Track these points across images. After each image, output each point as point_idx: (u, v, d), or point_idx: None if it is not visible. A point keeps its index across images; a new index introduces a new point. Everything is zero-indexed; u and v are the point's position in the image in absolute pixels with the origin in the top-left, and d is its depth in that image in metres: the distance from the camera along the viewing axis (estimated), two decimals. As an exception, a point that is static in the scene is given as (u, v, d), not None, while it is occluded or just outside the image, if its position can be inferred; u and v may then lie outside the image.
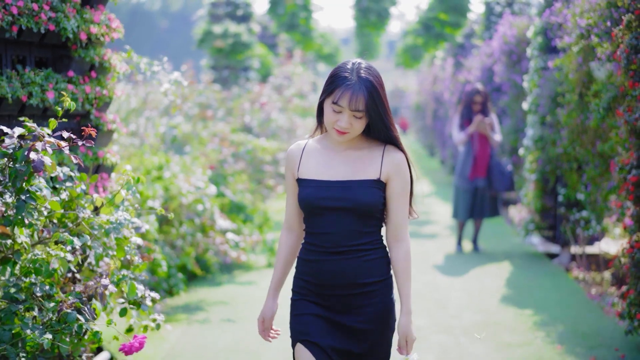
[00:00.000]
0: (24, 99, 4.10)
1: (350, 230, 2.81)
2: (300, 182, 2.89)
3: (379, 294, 2.88)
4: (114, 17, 4.69)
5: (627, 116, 5.18)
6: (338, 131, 2.77)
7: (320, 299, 2.88)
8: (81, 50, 4.49)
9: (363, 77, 2.74)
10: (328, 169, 2.85)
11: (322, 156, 2.89)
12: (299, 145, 2.97)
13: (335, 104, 2.73)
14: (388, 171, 2.84)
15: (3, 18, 3.94)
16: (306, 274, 2.91)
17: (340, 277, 2.84)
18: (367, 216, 2.82)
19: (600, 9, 5.98)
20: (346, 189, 2.80)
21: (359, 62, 2.81)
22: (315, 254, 2.87)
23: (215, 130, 9.05)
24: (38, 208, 3.10)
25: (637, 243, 5.17)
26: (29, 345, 2.98)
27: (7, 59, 4.25)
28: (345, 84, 2.72)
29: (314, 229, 2.87)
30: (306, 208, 2.86)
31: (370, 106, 2.72)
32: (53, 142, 2.80)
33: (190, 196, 6.59)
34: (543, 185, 8.64)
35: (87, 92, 4.46)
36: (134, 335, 3.03)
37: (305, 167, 2.89)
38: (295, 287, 2.98)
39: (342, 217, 2.80)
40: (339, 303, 2.87)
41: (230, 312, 6.34)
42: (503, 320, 6.09)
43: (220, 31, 13.17)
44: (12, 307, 3.14)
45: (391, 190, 2.85)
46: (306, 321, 2.89)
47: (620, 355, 5.15)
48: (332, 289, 2.86)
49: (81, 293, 3.14)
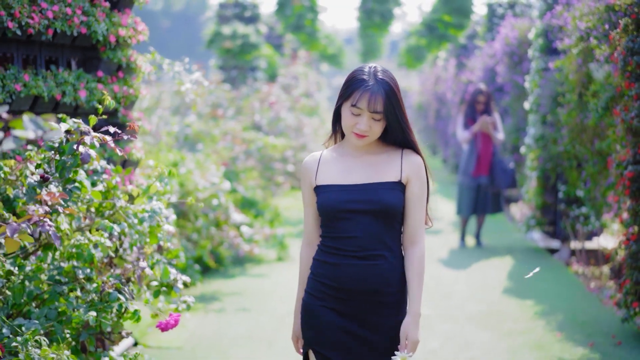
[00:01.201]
0: (58, 97, 4.38)
1: (373, 233, 2.78)
2: (320, 189, 2.85)
3: (395, 305, 2.85)
4: (140, 20, 4.97)
5: (623, 115, 5.45)
6: (357, 135, 2.76)
7: (336, 303, 2.83)
8: (109, 52, 4.77)
9: (380, 79, 2.75)
10: (348, 174, 2.84)
11: (341, 163, 2.87)
12: (314, 156, 2.94)
13: (354, 107, 2.73)
14: (408, 173, 2.83)
15: (40, 22, 4.22)
16: (323, 276, 2.85)
17: (360, 283, 2.79)
18: (389, 219, 2.80)
19: (598, 12, 6.25)
20: (369, 191, 2.78)
21: (374, 65, 2.83)
22: (336, 257, 2.82)
23: (227, 129, 9.34)
24: (81, 197, 3.38)
25: (633, 235, 5.44)
26: (74, 322, 3.26)
27: (41, 60, 4.53)
28: (363, 86, 2.73)
29: (334, 233, 2.82)
30: (328, 212, 2.82)
31: (388, 108, 2.73)
32: (99, 137, 3.08)
33: (206, 191, 6.87)
34: (544, 183, 8.91)
35: (115, 91, 4.74)
36: (169, 314, 3.31)
37: (323, 175, 2.86)
38: (309, 289, 2.91)
39: (364, 221, 2.78)
40: (355, 308, 2.82)
41: (244, 303, 6.62)
42: (505, 310, 6.37)
43: (229, 32, 13.46)
44: (56, 288, 3.42)
45: (410, 192, 2.84)
46: (321, 329, 2.85)
47: (617, 342, 5.42)
48: (350, 293, 2.81)
49: (120, 275, 3.42)
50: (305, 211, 2.96)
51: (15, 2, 4.07)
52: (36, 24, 4.18)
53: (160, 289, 3.61)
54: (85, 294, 3.40)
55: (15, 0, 4.08)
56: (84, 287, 3.44)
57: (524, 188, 9.81)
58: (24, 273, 3.46)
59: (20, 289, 3.40)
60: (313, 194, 2.90)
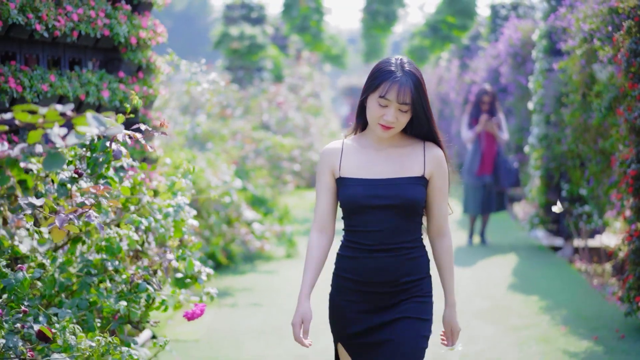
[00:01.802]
0: (82, 97, 4.55)
1: (395, 227, 2.79)
2: (343, 181, 2.84)
3: (418, 291, 2.86)
4: (159, 23, 5.13)
5: (627, 115, 5.61)
6: (383, 126, 2.76)
7: (359, 297, 2.84)
8: (130, 53, 4.93)
9: (408, 70, 2.75)
10: (372, 167, 2.83)
11: (364, 155, 2.87)
12: (336, 145, 2.92)
13: (382, 98, 2.72)
14: (431, 168, 2.85)
15: (65, 24, 4.38)
16: (346, 270, 2.87)
17: (383, 275, 2.81)
18: (411, 213, 2.81)
19: (602, 14, 6.40)
20: (394, 186, 2.79)
21: (400, 57, 2.82)
22: (358, 251, 2.82)
23: (236, 128, 9.52)
24: (111, 193, 3.54)
25: (636, 232, 5.60)
26: (105, 311, 3.42)
27: (65, 61, 4.69)
28: (392, 77, 2.72)
29: (357, 227, 2.83)
30: (351, 207, 2.81)
31: (415, 99, 2.74)
32: (130, 134, 3.23)
33: (218, 189, 7.04)
34: (547, 181, 9.07)
35: (136, 91, 4.90)
36: (195, 304, 3.47)
37: (347, 166, 2.85)
38: (334, 284, 2.95)
39: (387, 215, 2.78)
40: (378, 300, 2.84)
41: (255, 298, 6.78)
42: (510, 305, 6.52)
43: (236, 33, 13.65)
44: (87, 280, 3.58)
45: (433, 186, 2.86)
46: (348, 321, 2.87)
47: (620, 336, 5.57)
48: (373, 286, 2.82)
49: (148, 267, 3.58)
50: (320, 197, 2.90)
51: (42, 5, 4.23)
52: (62, 27, 4.35)
53: (185, 280, 3.77)
54: (115, 285, 3.56)
55: (42, 3, 4.24)
56: (112, 278, 3.60)
57: (527, 187, 9.97)
58: (55, 265, 3.62)
59: (51, 280, 3.56)
60: (333, 182, 2.88)
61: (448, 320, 2.93)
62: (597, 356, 5.18)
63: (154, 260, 3.61)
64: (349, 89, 39.73)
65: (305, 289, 2.84)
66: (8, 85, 4.09)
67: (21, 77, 4.19)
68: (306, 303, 2.82)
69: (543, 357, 5.19)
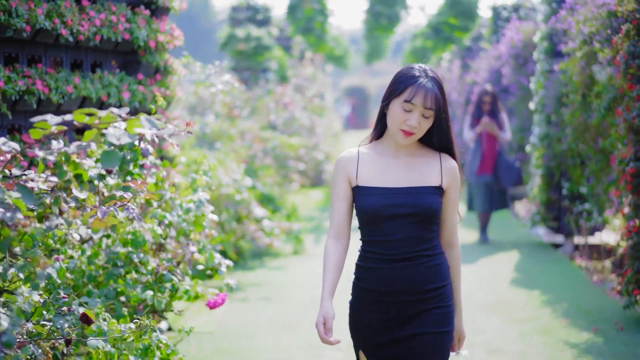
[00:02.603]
0: (104, 98, 4.76)
1: (412, 236, 2.81)
2: (361, 190, 2.85)
3: (438, 300, 2.87)
4: (175, 27, 5.34)
5: (625, 115, 5.82)
6: (405, 132, 2.78)
7: (379, 306, 2.86)
8: (149, 56, 5.14)
9: (432, 76, 2.79)
10: (389, 176, 2.84)
11: (381, 163, 2.87)
12: (352, 152, 2.92)
13: (407, 102, 2.74)
14: (448, 179, 2.88)
15: (88, 29, 4.59)
16: (365, 281, 2.88)
17: (403, 284, 2.82)
18: (428, 222, 2.83)
19: (601, 17, 6.61)
20: (411, 195, 2.81)
21: (423, 65, 2.85)
22: (376, 261, 2.84)
23: (244, 128, 9.75)
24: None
25: (634, 228, 5.81)
26: (132, 300, 3.63)
27: (87, 64, 4.90)
28: (418, 82, 2.74)
29: (375, 237, 2.84)
30: (370, 216, 2.83)
31: (440, 105, 2.77)
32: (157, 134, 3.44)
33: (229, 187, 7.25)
34: (548, 180, 9.28)
35: (154, 92, 5.11)
36: (216, 294, 3.68)
37: (364, 175, 2.85)
38: (354, 293, 2.95)
39: (405, 224, 2.80)
40: (399, 310, 2.85)
41: (265, 293, 6.99)
42: (513, 300, 6.73)
43: (243, 35, 13.89)
44: (114, 271, 3.79)
45: (448, 198, 2.90)
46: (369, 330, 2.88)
47: (619, 328, 5.78)
48: (394, 296, 2.84)
49: (172, 259, 3.79)
50: (336, 205, 2.91)
51: (67, 11, 4.45)
52: (85, 31, 4.56)
53: (205, 272, 3.98)
54: (140, 276, 3.77)
55: (67, 9, 4.45)
56: (138, 270, 3.81)
57: (529, 185, 10.18)
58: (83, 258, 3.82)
59: (80, 271, 3.77)
60: (349, 190, 2.89)
61: (456, 327, 2.96)
62: (596, 347, 5.39)
63: (177, 253, 3.82)
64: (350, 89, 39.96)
65: (325, 291, 2.83)
66: (35, 87, 4.30)
67: (47, 80, 4.41)
68: (328, 303, 2.81)
69: (544, 348, 5.39)
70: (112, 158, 1.99)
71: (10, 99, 4.24)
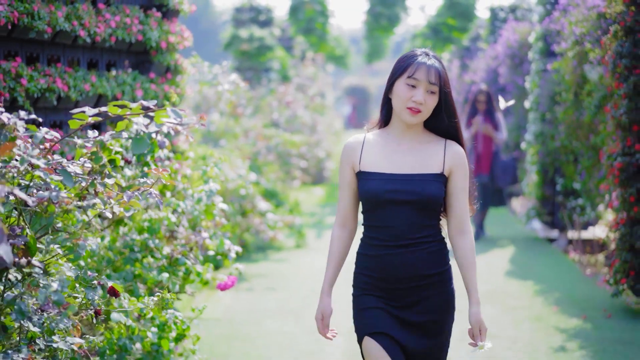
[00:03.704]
0: (118, 96, 5.04)
1: (413, 223, 2.82)
2: (363, 175, 2.87)
3: (440, 284, 2.89)
4: (185, 28, 5.63)
5: (613, 112, 6.10)
6: (412, 110, 2.80)
7: (384, 293, 2.88)
8: (160, 56, 5.43)
9: (432, 55, 2.86)
10: (392, 162, 2.86)
11: (385, 149, 2.89)
12: (358, 138, 2.94)
13: (411, 78, 2.78)
14: (451, 165, 2.88)
15: (104, 30, 4.88)
16: (368, 269, 2.90)
17: (404, 270, 2.84)
18: (429, 209, 2.84)
19: (592, 19, 6.90)
20: (411, 182, 2.82)
21: (424, 49, 2.92)
22: (378, 248, 2.86)
23: (249, 126, 10.06)
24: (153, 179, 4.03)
25: (622, 220, 6.09)
26: (149, 282, 3.92)
27: (102, 64, 5.19)
28: (419, 59, 2.81)
29: (376, 222, 2.86)
30: (370, 201, 2.85)
31: (442, 81, 2.81)
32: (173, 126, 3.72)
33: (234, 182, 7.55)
34: (543, 176, 9.56)
35: (165, 90, 5.40)
36: (227, 276, 3.97)
37: (367, 160, 2.88)
38: (356, 283, 2.96)
39: (405, 210, 2.81)
40: (401, 296, 2.87)
41: (269, 283, 7.28)
42: (508, 289, 7.02)
43: (246, 35, 14.21)
44: (131, 256, 4.08)
45: (453, 184, 2.89)
46: (372, 315, 2.89)
47: (607, 315, 6.07)
48: (396, 282, 2.85)
49: (186, 244, 4.08)
50: (342, 192, 2.94)
51: (85, 13, 4.73)
52: (102, 33, 4.85)
53: (216, 257, 4.26)
54: (156, 260, 4.06)
55: (85, 12, 4.74)
56: (153, 255, 4.10)
57: (524, 181, 10.46)
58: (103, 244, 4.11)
59: (100, 256, 4.06)
60: (354, 176, 2.91)
61: (475, 319, 2.89)
62: (584, 332, 5.67)
63: (189, 239, 4.11)
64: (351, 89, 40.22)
65: (326, 285, 2.90)
66: (56, 85, 4.59)
67: (67, 78, 4.69)
68: (326, 299, 2.88)
69: (536, 333, 5.68)
70: (142, 144, 2.28)
71: (32, 97, 4.53)
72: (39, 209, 2.23)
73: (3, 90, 4.28)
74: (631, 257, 5.94)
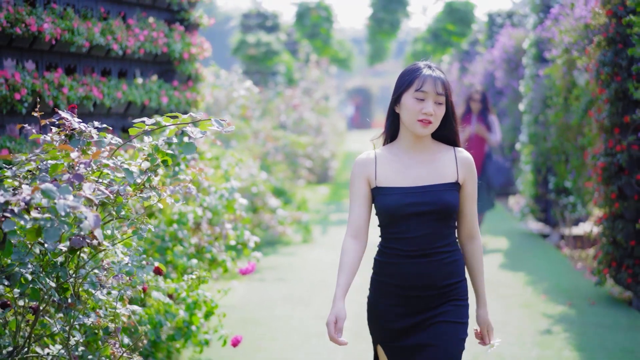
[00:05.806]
0: (146, 102, 5.59)
1: (432, 233, 2.86)
2: (381, 191, 2.90)
3: (454, 294, 2.91)
4: (205, 40, 6.18)
5: (596, 116, 6.64)
6: (423, 122, 2.84)
7: (399, 300, 2.92)
8: (182, 66, 5.97)
9: (435, 68, 2.92)
10: (408, 175, 2.90)
11: (398, 163, 2.93)
12: (369, 155, 2.97)
13: (418, 91, 2.83)
14: (464, 173, 2.93)
15: (134, 44, 5.43)
16: (386, 275, 2.94)
17: (424, 280, 2.87)
18: (447, 218, 2.89)
19: (579, 29, 7.43)
20: (430, 194, 2.86)
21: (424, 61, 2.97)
22: (395, 257, 2.90)
23: (258, 128, 10.63)
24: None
25: (604, 215, 6.64)
26: (180, 267, 4.47)
27: (131, 73, 5.74)
28: (424, 73, 2.86)
29: (396, 234, 2.89)
30: (390, 215, 2.88)
31: (448, 92, 2.88)
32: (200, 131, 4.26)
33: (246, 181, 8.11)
34: (536, 175, 10.10)
35: (187, 97, 5.95)
36: (248, 262, 4.52)
37: (383, 176, 2.91)
38: (372, 288, 3.01)
39: (425, 221, 2.85)
40: (415, 304, 2.91)
41: (280, 274, 7.83)
42: (501, 280, 7.56)
43: (253, 40, 14.79)
44: (162, 245, 4.62)
45: (465, 192, 2.95)
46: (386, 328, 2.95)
47: (591, 302, 6.61)
48: (413, 290, 2.89)
49: (210, 235, 4.63)
50: (354, 205, 2.95)
51: (117, 28, 5.28)
52: (132, 46, 5.40)
53: (237, 247, 4.81)
54: (185, 248, 4.61)
55: (117, 27, 5.29)
56: (182, 244, 4.64)
57: (519, 180, 11.00)
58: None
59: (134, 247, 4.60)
60: (368, 190, 2.94)
61: (483, 319, 3.01)
62: (569, 318, 6.22)
63: (214, 230, 4.66)
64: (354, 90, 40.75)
65: (339, 291, 2.84)
66: (92, 93, 5.14)
67: (101, 87, 5.24)
68: (340, 303, 2.82)
69: (524, 318, 6.22)
70: (191, 148, 2.82)
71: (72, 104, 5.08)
72: (107, 200, 2.77)
73: (47, 98, 4.82)
74: (613, 249, 6.48)
